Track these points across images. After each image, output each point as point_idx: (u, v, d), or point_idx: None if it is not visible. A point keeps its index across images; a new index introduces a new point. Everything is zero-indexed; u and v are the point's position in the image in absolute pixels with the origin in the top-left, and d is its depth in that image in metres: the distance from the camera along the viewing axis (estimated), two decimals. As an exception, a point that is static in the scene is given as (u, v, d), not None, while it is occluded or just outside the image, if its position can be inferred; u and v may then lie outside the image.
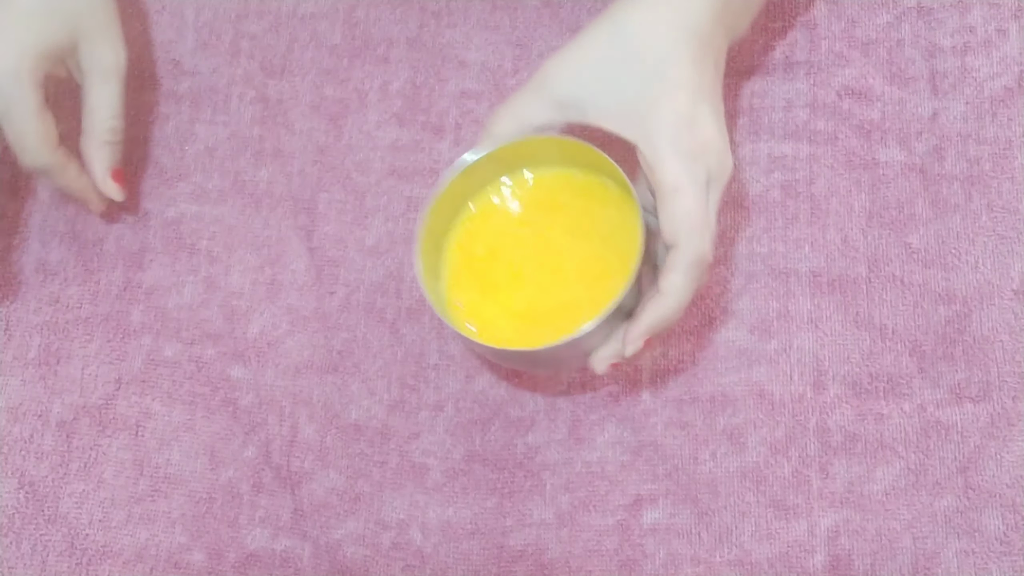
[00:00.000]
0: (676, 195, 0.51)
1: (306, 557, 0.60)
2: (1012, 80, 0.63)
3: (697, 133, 0.52)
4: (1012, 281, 0.60)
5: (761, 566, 0.58)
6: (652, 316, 0.52)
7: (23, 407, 0.63)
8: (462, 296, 0.56)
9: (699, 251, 0.52)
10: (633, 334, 0.53)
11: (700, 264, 0.52)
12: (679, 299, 0.52)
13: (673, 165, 0.52)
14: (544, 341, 0.52)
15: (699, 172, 0.52)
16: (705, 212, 0.52)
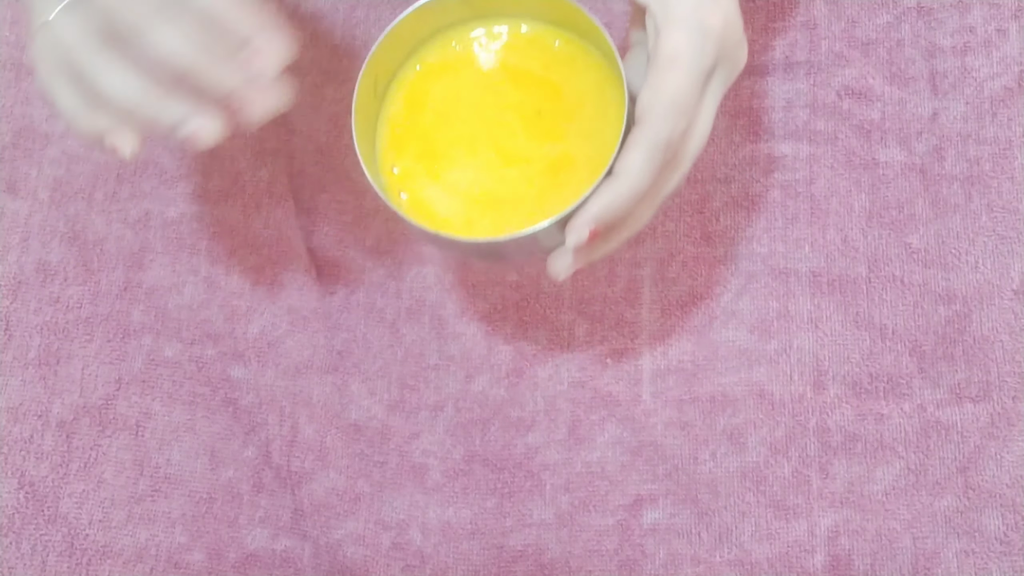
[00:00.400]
0: (670, 66, 0.45)
1: (306, 557, 0.60)
2: (1012, 80, 0.63)
3: (719, 6, 0.46)
4: (1012, 281, 0.60)
5: (761, 566, 0.58)
6: (600, 200, 0.45)
7: (23, 407, 0.63)
8: (399, 162, 0.49)
9: (669, 133, 0.45)
10: (577, 220, 0.46)
11: (666, 149, 0.45)
12: (633, 184, 0.45)
13: (680, 34, 0.46)
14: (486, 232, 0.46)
15: (706, 52, 0.46)
16: (694, 96, 0.46)
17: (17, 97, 0.69)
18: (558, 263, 0.48)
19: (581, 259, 0.48)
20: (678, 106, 0.45)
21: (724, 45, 0.47)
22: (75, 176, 0.67)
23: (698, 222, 0.63)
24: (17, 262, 0.66)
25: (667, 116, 0.45)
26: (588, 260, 0.48)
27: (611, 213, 0.46)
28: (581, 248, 0.47)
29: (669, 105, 0.45)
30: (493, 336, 0.63)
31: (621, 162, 0.45)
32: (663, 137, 0.45)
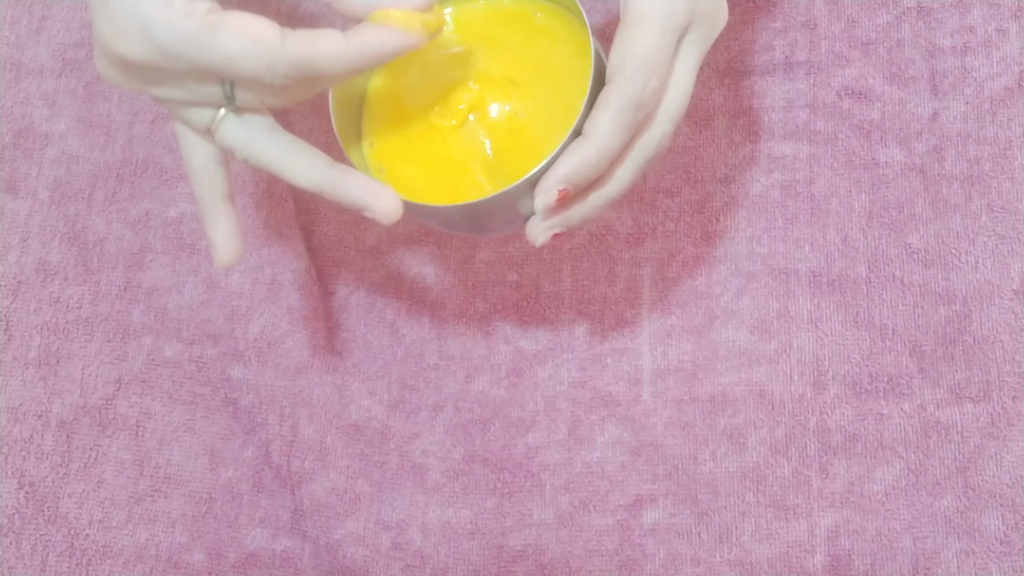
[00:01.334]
0: (639, 25, 0.44)
1: (306, 557, 0.60)
2: (1012, 80, 0.63)
3: None
4: (1012, 281, 0.60)
5: (761, 566, 0.58)
6: (569, 160, 0.45)
7: (23, 407, 0.63)
8: (376, 135, 0.50)
9: (638, 92, 0.44)
10: (545, 181, 0.45)
11: (636, 108, 0.45)
12: (602, 143, 0.45)
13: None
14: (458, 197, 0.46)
15: (678, 9, 0.45)
16: (663, 53, 0.45)
17: (17, 97, 0.69)
18: (535, 228, 0.47)
19: (558, 223, 0.47)
20: (647, 64, 0.44)
21: (698, 1, 0.46)
22: (75, 176, 0.67)
23: (698, 222, 0.63)
24: (17, 262, 0.66)
25: (636, 74, 0.44)
26: (567, 224, 0.47)
27: (580, 174, 0.45)
28: (554, 210, 0.46)
29: (638, 63, 0.44)
30: (493, 336, 0.63)
31: (590, 122, 0.45)
32: (632, 96, 0.44)
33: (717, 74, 0.65)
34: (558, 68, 0.48)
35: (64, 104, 0.68)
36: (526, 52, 0.49)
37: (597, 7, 0.65)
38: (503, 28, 0.49)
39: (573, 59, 0.48)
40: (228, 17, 0.42)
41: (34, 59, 0.69)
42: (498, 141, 0.48)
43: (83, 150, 0.67)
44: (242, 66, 0.42)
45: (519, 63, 0.48)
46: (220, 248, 0.49)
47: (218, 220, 0.49)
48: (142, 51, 0.43)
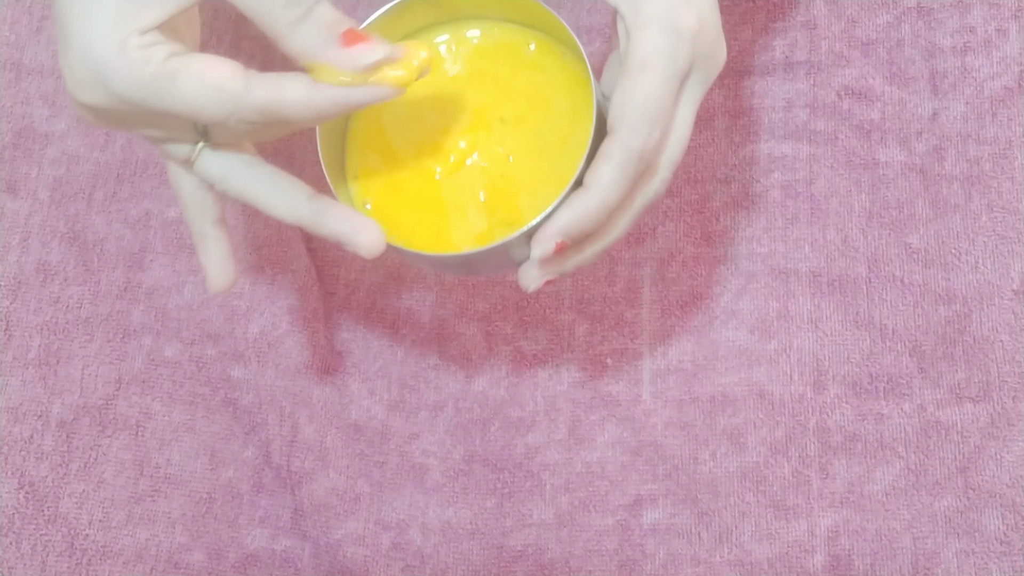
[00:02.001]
0: (642, 73, 0.43)
1: (306, 557, 0.60)
2: (1012, 80, 0.63)
3: (693, 5, 0.44)
4: (1012, 281, 0.60)
5: (761, 566, 0.58)
6: (569, 213, 0.43)
7: (23, 407, 0.63)
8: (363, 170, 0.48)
9: (642, 143, 0.43)
10: (543, 233, 0.44)
11: (639, 160, 0.43)
12: (604, 196, 0.43)
13: (653, 37, 0.43)
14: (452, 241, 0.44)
15: (681, 53, 0.43)
16: (667, 102, 0.43)
17: (17, 97, 0.69)
18: (528, 275, 0.46)
19: (552, 271, 0.46)
20: (652, 114, 0.43)
21: (699, 46, 0.44)
22: (75, 176, 0.67)
23: (698, 222, 0.63)
24: (17, 262, 0.66)
25: (640, 125, 0.43)
26: (561, 271, 0.46)
27: (579, 226, 0.44)
28: (550, 260, 0.45)
29: (642, 113, 0.43)
30: (493, 336, 0.63)
31: (591, 174, 0.43)
32: (636, 148, 0.43)
33: (717, 74, 0.65)
34: (550, 106, 0.47)
35: (64, 104, 0.68)
36: (517, 88, 0.47)
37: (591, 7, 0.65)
38: (495, 61, 0.48)
39: (566, 95, 0.47)
40: (189, 63, 0.41)
41: (34, 59, 0.69)
42: (489, 184, 0.46)
43: (83, 150, 0.67)
44: (205, 114, 0.41)
45: (510, 100, 0.47)
46: (212, 274, 0.48)
47: (209, 246, 0.48)
48: (103, 100, 0.41)
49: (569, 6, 0.67)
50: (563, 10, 0.67)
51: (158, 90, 0.40)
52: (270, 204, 0.45)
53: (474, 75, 0.47)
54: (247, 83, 0.41)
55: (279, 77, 0.41)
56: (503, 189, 0.46)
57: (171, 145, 0.45)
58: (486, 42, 0.48)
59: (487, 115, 0.47)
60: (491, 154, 0.46)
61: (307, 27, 0.40)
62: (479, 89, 0.47)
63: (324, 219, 0.44)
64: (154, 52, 0.40)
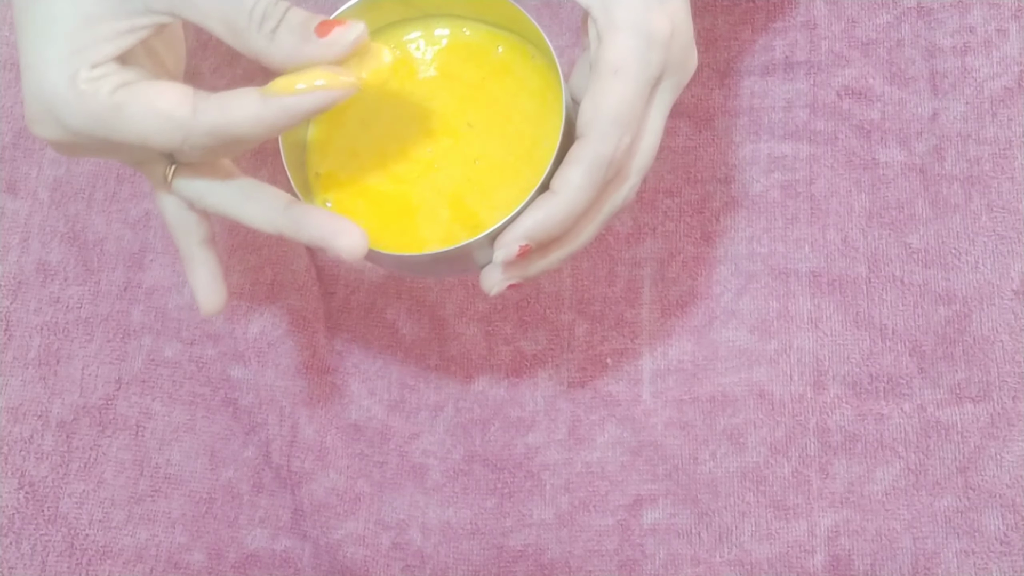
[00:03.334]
0: (613, 78, 0.42)
1: (306, 557, 0.60)
2: (1012, 80, 0.63)
3: (666, 9, 0.43)
4: (1012, 281, 0.60)
5: (761, 566, 0.58)
6: (534, 216, 0.42)
7: (23, 407, 0.63)
8: (324, 167, 0.47)
9: (611, 149, 0.42)
10: (507, 236, 0.43)
11: (608, 166, 0.43)
12: (571, 201, 0.42)
13: (625, 41, 0.42)
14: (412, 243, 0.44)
15: (653, 59, 0.43)
16: (637, 108, 0.43)
17: (17, 97, 0.69)
18: (490, 278, 0.45)
19: (515, 275, 0.45)
20: (621, 120, 0.42)
21: (672, 52, 0.44)
22: (75, 176, 0.67)
23: (698, 222, 0.63)
24: (17, 262, 0.66)
25: (609, 131, 0.42)
26: (525, 276, 0.45)
27: (544, 231, 0.43)
28: (513, 264, 0.44)
29: (612, 119, 0.42)
30: (493, 336, 0.63)
31: (558, 178, 0.43)
32: (605, 153, 0.42)
33: (717, 74, 0.65)
34: (518, 110, 0.46)
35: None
36: (485, 90, 0.46)
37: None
38: (462, 62, 0.47)
39: (535, 99, 0.46)
40: (136, 93, 0.41)
41: (34, 59, 0.69)
42: (454, 188, 0.46)
43: (83, 150, 0.67)
44: (155, 143, 0.41)
45: (478, 104, 0.46)
46: (202, 295, 0.48)
47: (197, 268, 0.47)
48: (58, 134, 0.41)
49: (570, 7, 0.67)
50: (564, 10, 0.67)
51: (106, 123, 0.40)
52: (247, 216, 0.44)
53: (442, 77, 0.47)
54: (195, 108, 0.41)
55: (227, 97, 0.41)
56: (469, 192, 0.45)
57: (145, 167, 0.45)
58: (455, 42, 0.47)
59: (454, 119, 0.46)
60: (458, 157, 0.46)
61: (283, 34, 0.41)
62: (447, 92, 0.46)
63: (302, 226, 0.43)
64: (102, 84, 0.40)
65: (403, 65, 0.47)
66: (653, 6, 0.43)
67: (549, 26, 0.67)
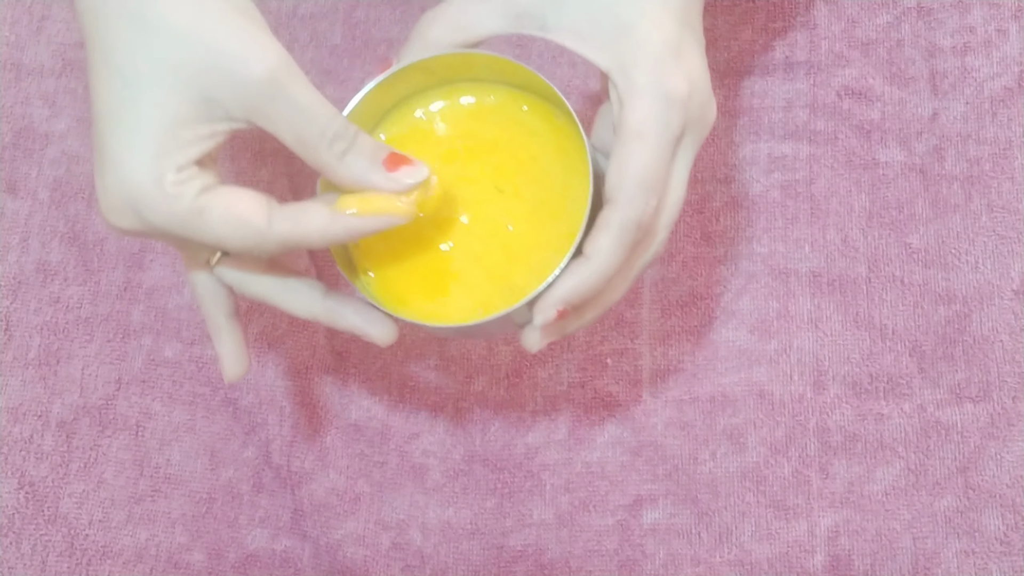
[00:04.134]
0: (636, 142, 0.43)
1: (306, 557, 0.60)
2: (1012, 80, 0.63)
3: (683, 69, 0.44)
4: (1012, 281, 0.60)
5: (761, 566, 0.58)
6: (569, 283, 0.44)
7: (23, 407, 0.63)
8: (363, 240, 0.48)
9: (640, 213, 0.43)
10: (544, 302, 0.44)
11: (637, 229, 0.44)
12: (603, 266, 0.44)
13: (646, 105, 0.43)
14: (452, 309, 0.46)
15: (673, 120, 0.43)
16: (662, 170, 0.44)
17: (17, 97, 0.69)
18: (531, 339, 0.47)
19: (554, 334, 0.47)
20: (647, 183, 0.43)
21: (691, 110, 0.44)
22: (75, 176, 0.67)
23: (698, 222, 0.63)
24: (17, 262, 0.66)
25: (637, 195, 0.43)
26: (562, 334, 0.47)
27: (579, 295, 0.44)
28: (551, 325, 0.46)
29: (638, 183, 0.43)
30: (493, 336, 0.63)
31: (590, 244, 0.43)
32: (634, 218, 0.43)
33: (717, 74, 0.65)
34: (545, 171, 0.47)
35: (64, 104, 0.68)
36: (512, 154, 0.47)
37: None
38: (489, 127, 0.48)
39: (560, 158, 0.47)
40: (216, 198, 0.42)
41: (34, 59, 0.69)
42: (488, 254, 0.47)
43: (83, 150, 0.67)
44: (231, 246, 0.43)
45: (506, 168, 0.47)
46: (228, 363, 0.50)
47: (224, 337, 0.50)
48: (136, 226, 0.43)
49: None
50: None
51: (188, 224, 0.42)
52: (289, 303, 0.48)
53: (469, 143, 0.48)
54: (270, 218, 0.43)
55: (300, 209, 0.43)
56: (503, 258, 0.47)
57: (191, 250, 0.47)
58: (480, 107, 0.48)
59: (484, 184, 0.47)
60: (490, 223, 0.47)
61: (352, 158, 0.43)
62: (475, 158, 0.47)
63: (340, 315, 0.47)
64: (187, 188, 0.42)
65: (431, 133, 0.48)
66: (670, 67, 0.43)
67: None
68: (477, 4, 0.46)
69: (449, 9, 0.47)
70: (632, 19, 0.44)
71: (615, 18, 0.44)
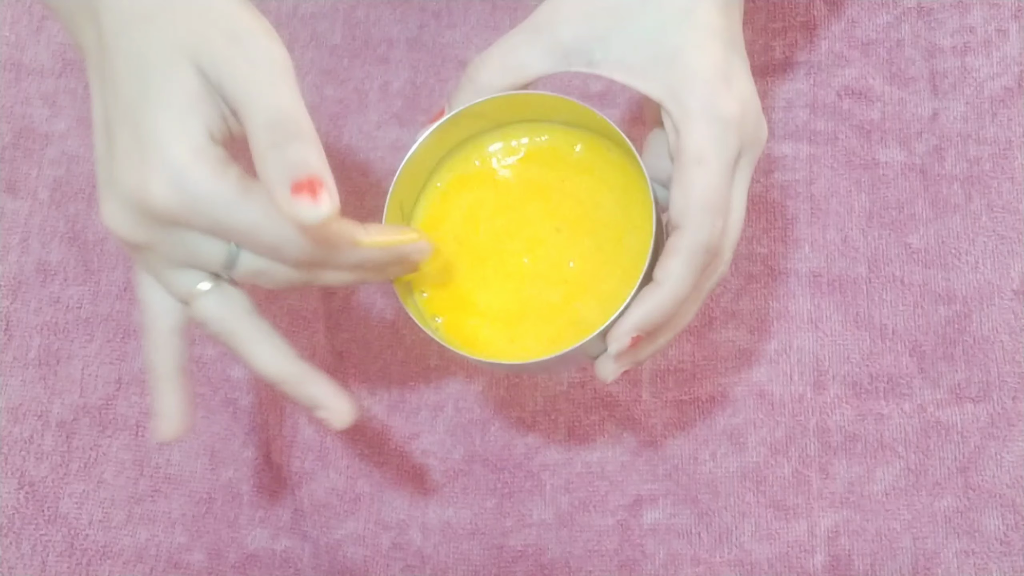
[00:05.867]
0: (697, 167, 0.43)
1: (306, 557, 0.60)
2: (1012, 80, 0.63)
3: (734, 91, 0.45)
4: (1012, 281, 0.60)
5: (761, 566, 0.58)
6: (642, 309, 0.44)
7: (23, 407, 0.63)
8: (427, 286, 0.49)
9: (708, 236, 0.44)
10: (619, 329, 0.44)
11: (706, 252, 0.44)
12: (675, 290, 0.44)
13: (702, 130, 0.43)
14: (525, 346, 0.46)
15: (730, 142, 0.44)
16: (725, 192, 0.44)
17: (17, 97, 0.69)
18: (606, 369, 0.46)
19: (628, 362, 0.46)
20: (711, 206, 0.43)
21: (745, 130, 0.45)
22: (75, 176, 0.67)
23: (698, 222, 0.63)
24: (17, 262, 0.66)
25: (702, 219, 0.43)
26: (636, 361, 0.47)
27: (652, 321, 0.44)
28: (626, 353, 0.45)
29: (702, 207, 0.43)
30: (493, 336, 0.63)
31: (661, 269, 0.44)
32: (702, 241, 0.43)
33: (717, 74, 0.65)
34: (600, 206, 0.48)
35: (64, 104, 0.68)
36: (568, 193, 0.48)
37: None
38: (544, 168, 0.48)
39: (616, 193, 0.48)
40: (257, 183, 0.40)
41: (34, 59, 0.69)
42: (552, 289, 0.47)
43: (83, 150, 0.67)
44: (265, 233, 0.41)
45: (563, 208, 0.48)
46: (164, 421, 0.46)
47: (167, 391, 0.46)
48: (171, 199, 0.40)
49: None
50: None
51: (230, 202, 0.40)
52: (259, 355, 0.44)
53: (525, 185, 0.48)
54: None
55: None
56: (568, 293, 0.47)
57: (176, 274, 0.44)
58: (533, 148, 0.48)
59: (543, 225, 0.48)
60: (552, 263, 0.47)
61: (274, 157, 0.40)
62: (532, 199, 0.48)
63: (304, 383, 0.45)
64: (230, 169, 0.40)
65: (488, 178, 0.48)
66: (721, 90, 0.44)
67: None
68: (524, 45, 0.46)
69: (496, 52, 0.47)
70: (678, 46, 0.44)
71: (661, 47, 0.44)
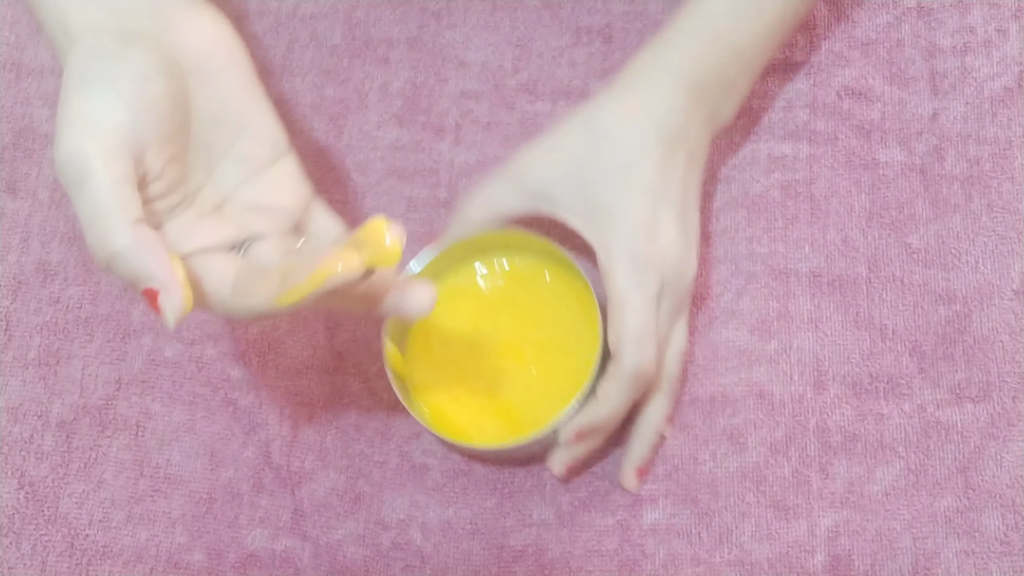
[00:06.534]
0: (621, 307, 0.52)
1: (306, 557, 0.60)
2: (1012, 80, 0.63)
3: (654, 241, 0.53)
4: (1012, 281, 0.60)
5: (761, 566, 0.58)
6: (583, 417, 0.54)
7: (23, 407, 0.63)
8: (418, 378, 0.59)
9: (636, 366, 0.52)
10: (566, 432, 0.55)
11: (637, 379, 0.53)
12: (611, 408, 0.54)
13: (623, 276, 0.52)
14: (492, 435, 0.57)
15: (650, 283, 0.53)
16: (649, 326, 0.52)
17: (17, 97, 0.69)
18: (556, 459, 0.57)
19: (572, 455, 0.57)
20: (638, 339, 0.52)
21: (666, 270, 0.53)
22: (75, 176, 0.67)
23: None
24: (17, 262, 0.66)
25: (631, 351, 0.52)
26: (577, 455, 0.57)
27: (592, 427, 0.54)
28: (571, 446, 0.56)
29: (629, 339, 0.52)
30: (493, 336, 0.63)
31: (600, 389, 0.54)
32: (631, 369, 0.52)
33: (717, 74, 0.65)
34: (562, 326, 0.58)
35: (64, 104, 0.68)
36: (538, 313, 0.59)
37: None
38: (521, 288, 0.59)
39: (575, 314, 0.58)
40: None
41: (34, 59, 0.69)
42: (518, 391, 0.58)
43: (83, 150, 0.67)
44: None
45: (532, 324, 0.58)
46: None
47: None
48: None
49: (570, 7, 0.67)
50: (564, 10, 0.67)
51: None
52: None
53: (503, 301, 0.59)
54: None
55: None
56: (529, 395, 0.58)
57: None
58: (512, 272, 0.60)
59: (514, 333, 0.59)
60: (520, 368, 0.58)
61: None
62: (508, 314, 0.59)
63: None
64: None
65: (475, 294, 0.60)
66: (640, 236, 0.52)
67: (549, 26, 0.67)
68: (501, 185, 0.56)
69: (482, 191, 0.57)
70: (613, 199, 0.53)
71: (599, 199, 0.53)
